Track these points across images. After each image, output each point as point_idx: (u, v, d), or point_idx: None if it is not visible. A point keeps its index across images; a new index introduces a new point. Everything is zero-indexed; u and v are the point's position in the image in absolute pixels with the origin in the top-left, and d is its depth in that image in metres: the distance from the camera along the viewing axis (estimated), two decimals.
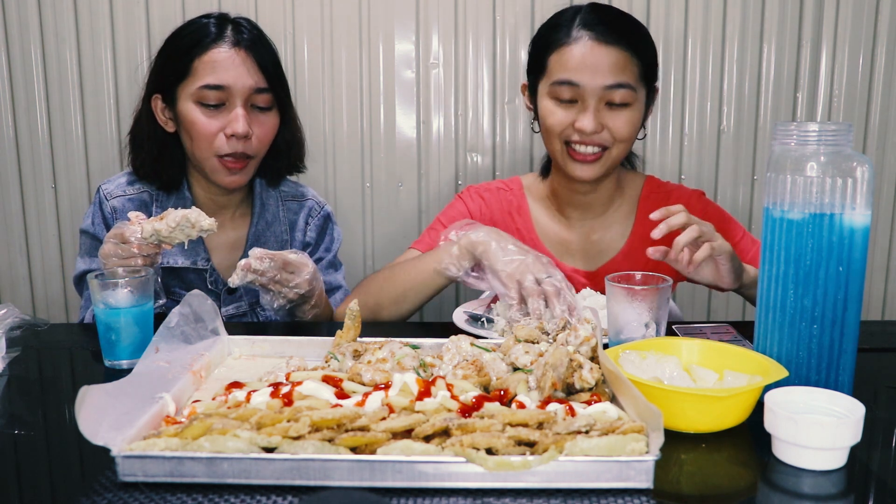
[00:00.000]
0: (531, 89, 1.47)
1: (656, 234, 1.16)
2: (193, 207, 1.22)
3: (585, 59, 1.34)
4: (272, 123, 1.47)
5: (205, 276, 1.52)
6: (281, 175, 1.59)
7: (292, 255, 1.29)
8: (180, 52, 1.42)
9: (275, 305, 1.30)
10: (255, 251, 1.26)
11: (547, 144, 1.46)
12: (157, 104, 1.46)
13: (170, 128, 1.47)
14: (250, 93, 1.41)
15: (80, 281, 1.49)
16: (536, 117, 1.47)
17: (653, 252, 1.18)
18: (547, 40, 1.40)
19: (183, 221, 1.20)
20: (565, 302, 1.18)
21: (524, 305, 1.20)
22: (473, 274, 1.29)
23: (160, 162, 1.48)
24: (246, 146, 1.42)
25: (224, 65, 1.39)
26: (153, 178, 1.50)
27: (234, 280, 1.24)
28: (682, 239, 1.16)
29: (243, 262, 1.24)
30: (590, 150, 1.39)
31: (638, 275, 1.10)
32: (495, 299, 1.33)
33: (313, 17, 2.07)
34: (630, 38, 1.36)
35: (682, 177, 2.17)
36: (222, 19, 1.44)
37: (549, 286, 1.19)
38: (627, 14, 1.42)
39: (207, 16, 1.45)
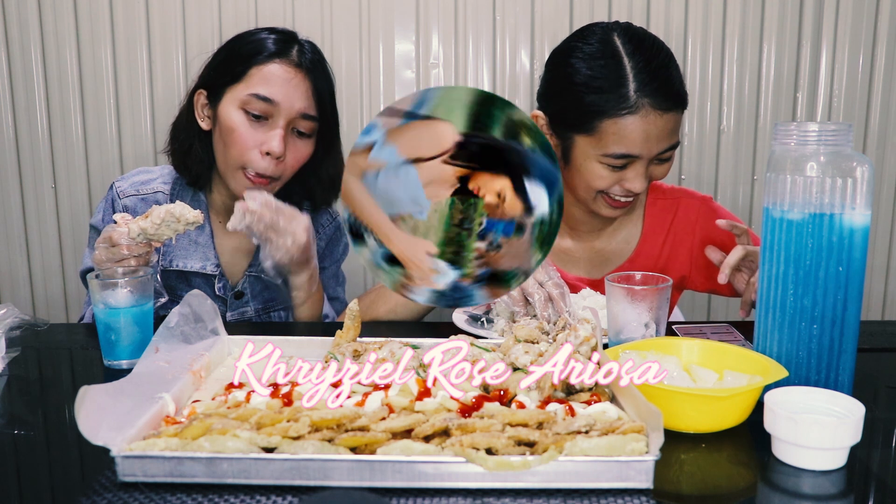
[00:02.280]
0: (564, 135, 1.36)
1: (721, 279, 1.24)
2: (178, 202, 1.21)
3: (648, 131, 1.27)
4: (306, 151, 1.45)
5: (213, 280, 1.51)
6: (321, 203, 1.58)
7: (286, 205, 1.28)
8: (240, 57, 1.41)
9: (277, 257, 1.28)
10: (253, 192, 1.25)
11: (576, 191, 1.40)
12: (200, 99, 1.46)
13: (205, 125, 1.46)
14: (296, 116, 1.39)
15: (87, 275, 1.50)
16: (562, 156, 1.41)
17: (723, 279, 1.24)
18: (598, 102, 1.28)
19: (167, 217, 1.19)
20: (570, 304, 1.18)
21: (531, 308, 1.19)
22: None
23: (189, 156, 1.49)
24: (276, 168, 1.40)
25: (281, 80, 1.38)
26: (182, 169, 1.50)
27: (233, 222, 1.23)
28: (730, 260, 1.24)
29: (240, 203, 1.24)
30: (626, 198, 1.37)
31: (638, 275, 1.10)
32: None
33: (313, 17, 2.07)
34: (683, 96, 1.31)
35: (682, 177, 2.17)
36: (290, 37, 1.43)
37: (553, 288, 1.19)
38: (665, 50, 1.32)
39: (273, 30, 1.44)
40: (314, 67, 1.42)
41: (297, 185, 1.51)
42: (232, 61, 1.41)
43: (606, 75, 1.28)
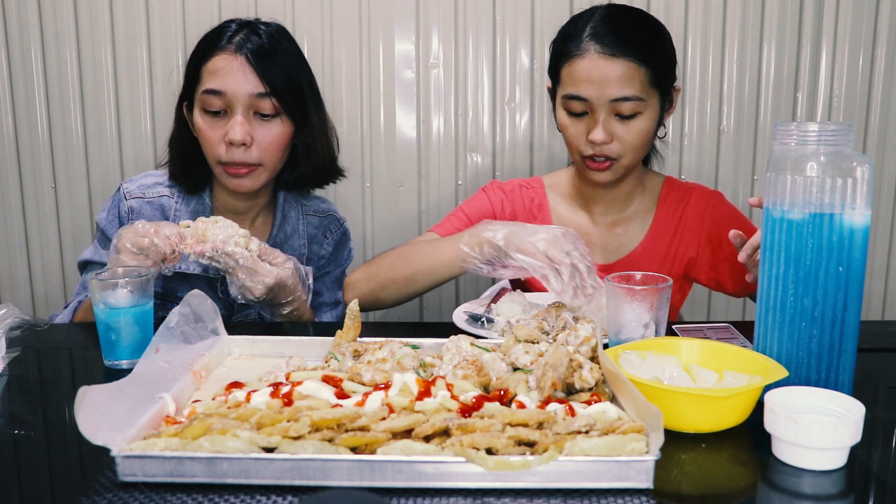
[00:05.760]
0: (553, 96, 1.50)
1: (741, 257, 1.16)
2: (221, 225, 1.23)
3: (591, 73, 1.36)
4: (278, 131, 1.43)
5: (216, 285, 1.51)
6: (302, 184, 1.56)
7: (249, 262, 1.23)
8: (195, 58, 1.43)
9: (233, 294, 1.27)
10: (216, 244, 1.22)
11: (569, 150, 1.50)
12: (185, 109, 1.47)
13: (196, 132, 1.46)
14: (250, 99, 1.39)
15: (83, 267, 1.51)
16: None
17: (742, 257, 1.17)
18: (560, 50, 1.42)
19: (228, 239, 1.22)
20: (595, 277, 1.19)
21: (561, 279, 1.18)
22: (495, 259, 1.27)
23: (187, 165, 1.49)
24: (246, 154, 1.40)
25: (224, 71, 1.38)
26: (181, 180, 1.50)
27: (190, 256, 1.23)
28: (754, 241, 1.14)
29: (199, 248, 1.21)
30: (601, 159, 1.42)
31: (638, 275, 1.10)
32: (495, 299, 1.33)
33: (313, 17, 2.07)
34: (638, 47, 1.36)
35: (683, 176, 2.17)
36: (242, 25, 1.43)
37: (580, 260, 1.19)
38: (642, 17, 1.42)
39: (231, 21, 1.44)
40: (258, 49, 1.40)
41: (286, 167, 1.52)
42: (189, 65, 1.44)
43: (571, 30, 1.42)
